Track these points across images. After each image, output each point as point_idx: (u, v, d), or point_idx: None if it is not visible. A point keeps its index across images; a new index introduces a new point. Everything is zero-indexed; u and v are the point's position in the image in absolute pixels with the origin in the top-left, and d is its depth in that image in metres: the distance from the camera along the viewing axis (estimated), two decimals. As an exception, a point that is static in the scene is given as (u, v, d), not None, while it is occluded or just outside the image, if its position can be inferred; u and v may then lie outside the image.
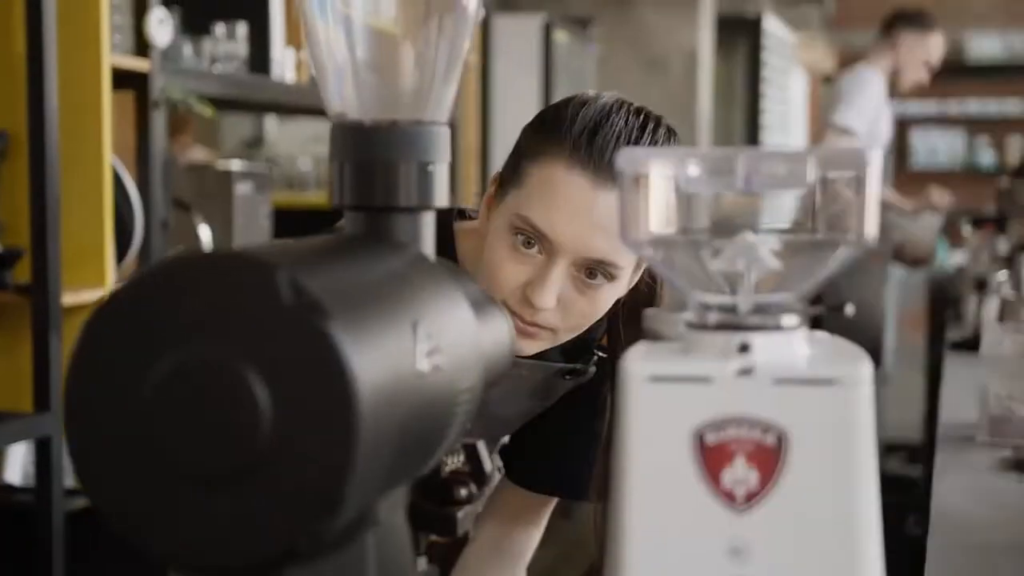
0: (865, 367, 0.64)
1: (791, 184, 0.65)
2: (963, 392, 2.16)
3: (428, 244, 0.75)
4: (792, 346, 0.66)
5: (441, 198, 0.75)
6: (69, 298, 2.24)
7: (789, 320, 0.66)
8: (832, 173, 0.65)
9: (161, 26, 2.50)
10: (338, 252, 0.68)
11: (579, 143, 1.19)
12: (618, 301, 1.27)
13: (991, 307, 2.74)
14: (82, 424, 0.59)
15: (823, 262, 0.67)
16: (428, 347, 0.65)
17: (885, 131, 4.29)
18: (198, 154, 4.34)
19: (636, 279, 1.28)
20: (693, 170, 0.66)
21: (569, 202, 1.18)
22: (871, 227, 0.65)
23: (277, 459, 0.57)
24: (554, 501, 1.49)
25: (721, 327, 0.66)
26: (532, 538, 1.51)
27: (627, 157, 0.66)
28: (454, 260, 1.32)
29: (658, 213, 0.67)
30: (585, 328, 1.26)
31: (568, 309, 1.22)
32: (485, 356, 0.74)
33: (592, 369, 1.37)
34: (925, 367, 4.96)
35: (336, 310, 0.58)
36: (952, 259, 7.07)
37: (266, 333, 0.57)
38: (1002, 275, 2.88)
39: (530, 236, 1.20)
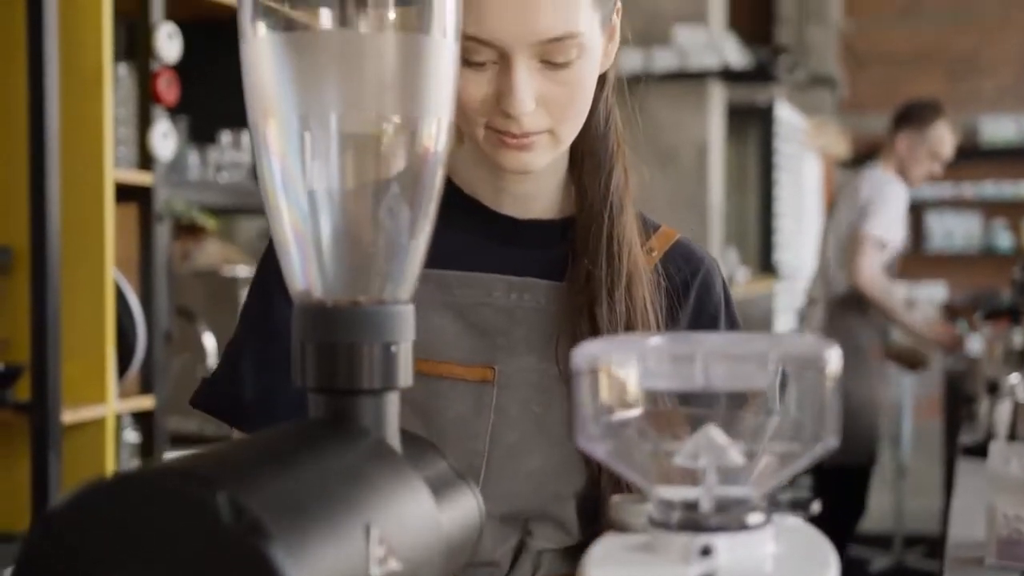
0: (832, 570, 0.62)
1: (751, 382, 0.64)
2: (974, 502, 2.12)
3: (391, 427, 0.74)
4: (757, 547, 0.64)
5: (406, 378, 0.74)
6: (69, 416, 2.23)
7: (754, 518, 0.64)
8: (791, 371, 0.63)
9: (165, 140, 2.52)
10: (288, 451, 0.67)
11: None
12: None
13: (1003, 411, 2.70)
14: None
15: (790, 459, 0.65)
16: (382, 551, 0.63)
17: (902, 236, 4.27)
18: (212, 248, 4.36)
19: (614, 48, 1.19)
20: (652, 365, 0.65)
21: None
22: (832, 427, 0.63)
23: None
24: None
25: (683, 527, 0.64)
26: None
27: (582, 353, 0.65)
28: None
29: (615, 407, 0.66)
30: (582, 117, 1.14)
31: (552, 104, 1.10)
32: (448, 543, 0.73)
33: None
34: (942, 459, 4.91)
35: (279, 528, 0.56)
36: (969, 344, 7.02)
37: (205, 556, 0.55)
38: (1015, 378, 2.85)
39: (473, 49, 1.08)
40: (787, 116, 7.13)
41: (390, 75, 0.74)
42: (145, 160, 2.53)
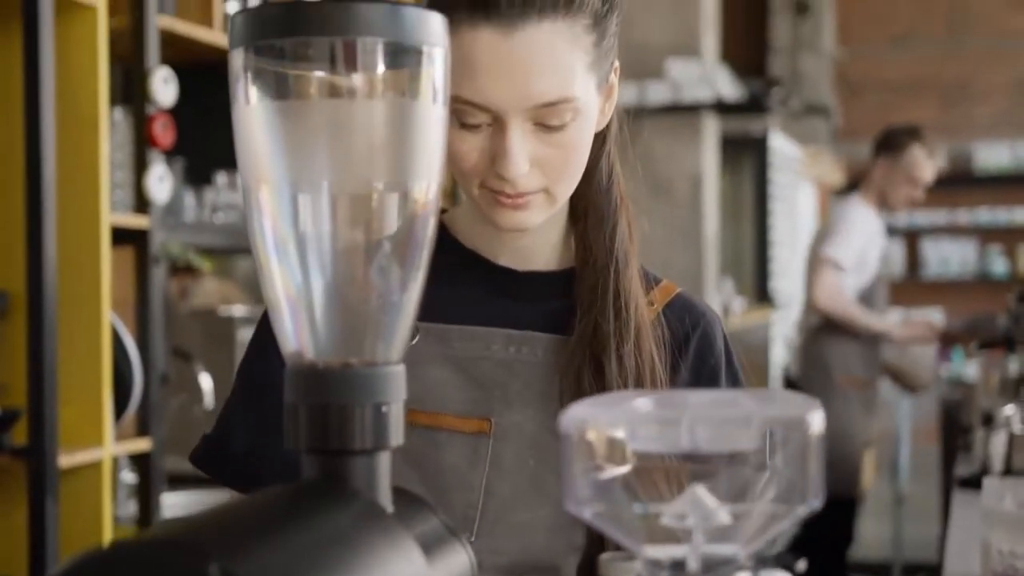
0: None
1: (737, 445, 0.65)
2: (970, 535, 2.13)
3: (383, 486, 0.75)
4: (744, 605, 0.65)
5: (397, 437, 0.75)
6: (66, 460, 2.23)
7: (741, 577, 0.65)
8: (775, 433, 0.64)
9: (161, 183, 2.53)
10: (280, 515, 0.67)
11: None
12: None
13: (998, 443, 2.71)
14: None
15: (777, 519, 0.66)
16: (373, 615, 0.64)
17: (874, 262, 4.25)
18: (210, 286, 4.37)
19: (611, 107, 1.19)
20: (640, 430, 0.66)
21: (487, 62, 1.07)
22: (816, 488, 0.64)
23: None
24: None
25: (671, 587, 0.65)
26: None
27: (570, 418, 0.66)
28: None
29: (603, 469, 0.67)
30: (578, 176, 1.15)
31: (547, 165, 1.11)
32: (440, 602, 0.74)
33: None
34: (940, 487, 4.91)
35: (271, 597, 0.57)
36: (966, 370, 7.02)
37: (198, 626, 0.56)
38: (1009, 409, 2.85)
39: (468, 112, 1.09)
40: (781, 146, 7.17)
41: (380, 141, 0.75)
42: (141, 203, 2.54)
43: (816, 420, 0.64)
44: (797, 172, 7.73)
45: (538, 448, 1.16)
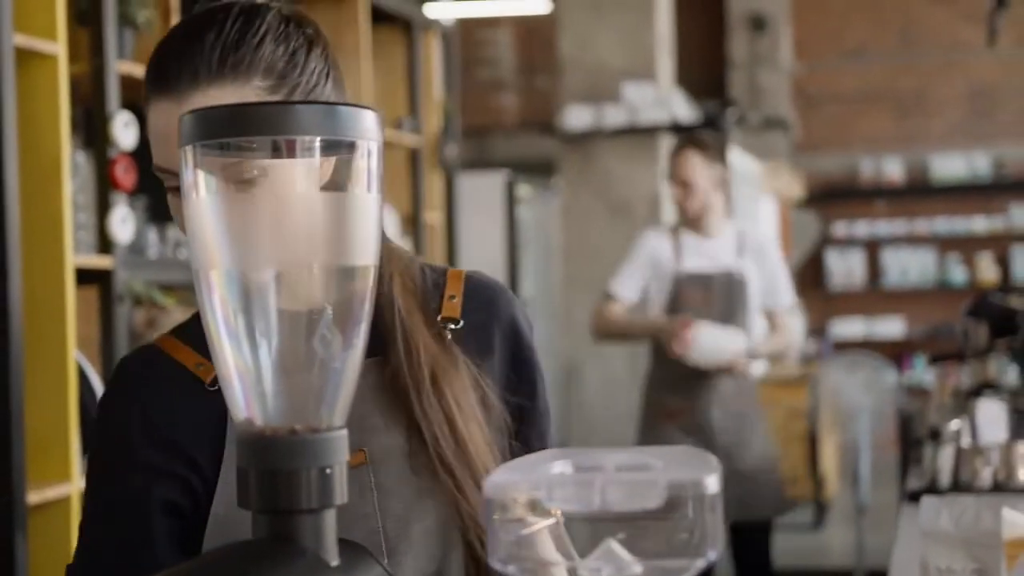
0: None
1: (644, 502, 0.72)
2: (916, 550, 2.19)
3: (329, 541, 0.81)
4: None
5: (342, 495, 0.82)
6: (35, 497, 2.28)
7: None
8: (677, 492, 0.71)
9: (123, 224, 2.59)
10: (233, 574, 0.74)
11: (152, 73, 1.17)
12: None
13: (946, 457, 2.79)
14: None
15: (681, 571, 0.73)
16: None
17: (665, 286, 4.06)
18: (177, 317, 4.41)
19: (330, 166, 1.25)
20: (557, 492, 0.73)
21: (165, 130, 1.14)
22: (713, 541, 0.71)
23: None
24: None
25: (588, 634, 0.72)
26: None
27: (492, 484, 0.73)
28: None
29: (523, 528, 0.74)
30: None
31: None
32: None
33: None
34: (899, 497, 5.00)
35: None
36: (926, 377, 7.10)
37: None
38: (955, 424, 2.93)
39: (166, 177, 1.16)
40: (740, 161, 7.26)
41: (321, 227, 0.82)
42: (104, 244, 2.59)
43: (712, 481, 0.71)
44: (757, 186, 7.83)
45: (412, 461, 1.24)
